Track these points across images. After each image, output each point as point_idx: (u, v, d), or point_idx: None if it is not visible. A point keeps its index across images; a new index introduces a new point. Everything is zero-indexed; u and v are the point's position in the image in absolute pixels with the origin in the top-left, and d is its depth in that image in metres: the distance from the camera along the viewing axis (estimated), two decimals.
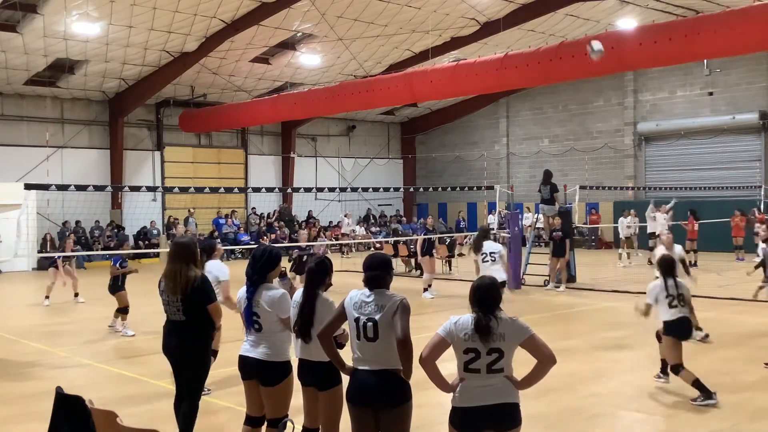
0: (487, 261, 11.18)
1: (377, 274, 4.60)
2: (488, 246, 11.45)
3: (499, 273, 10.80)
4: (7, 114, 25.12)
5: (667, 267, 7.80)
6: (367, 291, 4.56)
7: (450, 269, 20.62)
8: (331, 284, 5.20)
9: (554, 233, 16.59)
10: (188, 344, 5.78)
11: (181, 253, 5.85)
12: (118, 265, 12.10)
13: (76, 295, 15.42)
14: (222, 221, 28.18)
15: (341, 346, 4.81)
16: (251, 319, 5.23)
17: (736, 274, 18.93)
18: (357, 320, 4.47)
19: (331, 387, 4.93)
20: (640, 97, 29.11)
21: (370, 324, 4.41)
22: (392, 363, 4.40)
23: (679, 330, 7.64)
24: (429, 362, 4.21)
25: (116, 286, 11.96)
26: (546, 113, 32.04)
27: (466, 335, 4.16)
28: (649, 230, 20.86)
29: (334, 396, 4.94)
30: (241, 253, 26.39)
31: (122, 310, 11.90)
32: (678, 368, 7.57)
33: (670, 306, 7.60)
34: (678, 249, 10.89)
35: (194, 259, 5.88)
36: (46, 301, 15.08)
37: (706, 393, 7.37)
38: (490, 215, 26.20)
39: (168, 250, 6.44)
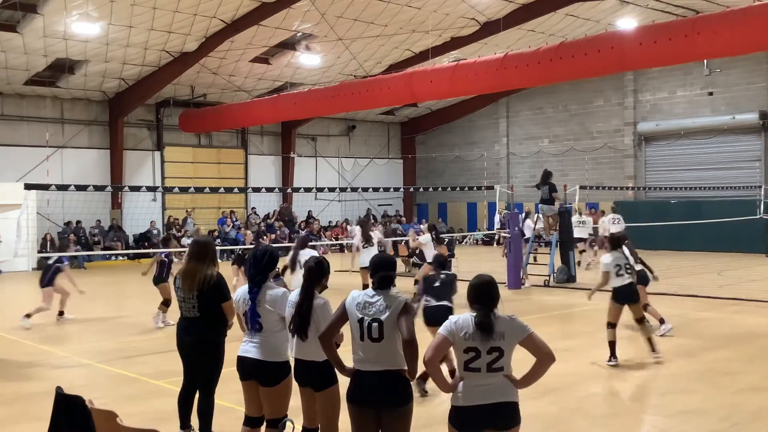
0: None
1: (390, 274, 4.62)
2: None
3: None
4: (7, 114, 25.11)
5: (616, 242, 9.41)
6: (370, 291, 4.56)
7: (450, 270, 20.60)
8: (326, 286, 5.21)
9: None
10: (202, 340, 5.91)
11: (199, 252, 5.99)
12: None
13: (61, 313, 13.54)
14: (223, 221, 28.25)
15: (336, 346, 4.83)
16: (255, 319, 5.24)
17: (736, 274, 18.95)
18: (360, 321, 4.46)
19: (328, 387, 4.93)
20: (640, 97, 29.11)
21: (375, 324, 4.41)
22: (396, 363, 4.41)
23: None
24: (433, 363, 4.21)
25: None
26: (546, 113, 32.04)
27: (466, 334, 4.16)
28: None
29: (330, 396, 4.94)
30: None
31: None
32: (608, 325, 9.17)
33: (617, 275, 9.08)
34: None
35: (212, 257, 6.02)
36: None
37: (612, 356, 9.01)
38: (496, 215, 26.13)
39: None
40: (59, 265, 13.18)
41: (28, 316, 12.54)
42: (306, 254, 10.25)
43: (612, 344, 9.10)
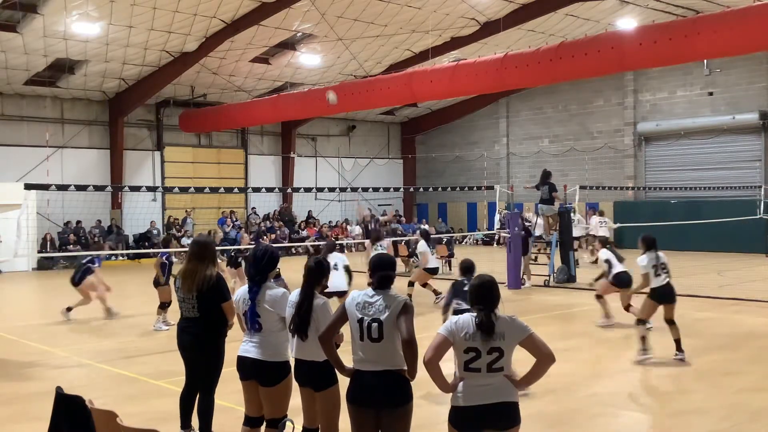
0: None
1: (389, 274, 4.62)
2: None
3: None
4: (7, 114, 25.11)
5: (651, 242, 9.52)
6: (370, 291, 4.56)
7: (450, 269, 20.61)
8: (327, 286, 5.21)
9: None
10: (202, 340, 5.91)
11: (199, 252, 5.99)
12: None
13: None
14: (223, 221, 28.25)
15: (336, 346, 4.83)
16: (254, 319, 5.24)
17: (736, 274, 18.95)
18: (360, 321, 4.45)
19: (327, 387, 4.93)
20: (640, 97, 29.11)
21: (375, 324, 4.40)
22: (396, 363, 4.41)
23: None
24: (433, 364, 4.21)
25: None
26: (546, 113, 32.04)
27: (466, 335, 4.16)
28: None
29: (330, 396, 4.94)
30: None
31: None
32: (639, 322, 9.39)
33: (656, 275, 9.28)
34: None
35: (212, 258, 6.02)
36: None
37: (644, 350, 9.19)
38: (496, 215, 26.15)
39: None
40: (90, 266, 13.42)
41: (108, 311, 13.38)
42: (334, 258, 10.88)
43: (644, 339, 9.23)
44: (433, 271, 14.28)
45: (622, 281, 11.51)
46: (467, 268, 8.38)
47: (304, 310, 4.92)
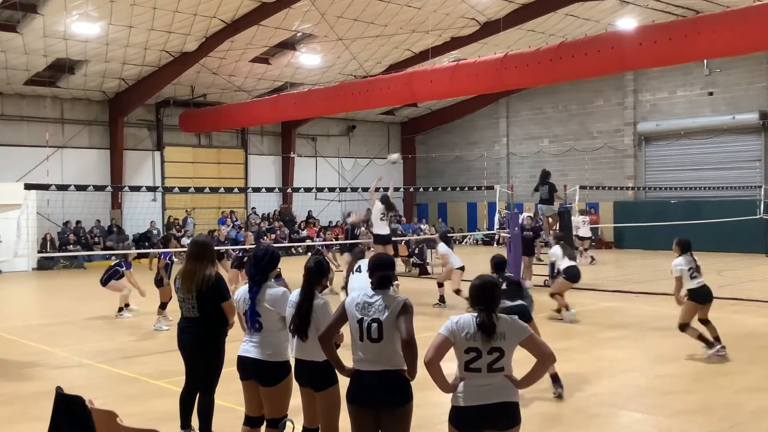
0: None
1: (388, 274, 4.62)
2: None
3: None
4: (7, 114, 25.11)
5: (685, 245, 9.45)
6: (370, 291, 4.56)
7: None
8: (326, 286, 5.20)
9: (524, 233, 17.01)
10: (202, 340, 5.92)
11: (197, 253, 6.00)
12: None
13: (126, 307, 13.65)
14: (223, 221, 28.25)
15: (336, 346, 4.83)
16: (254, 319, 5.24)
17: (736, 274, 18.94)
18: (360, 321, 4.45)
19: (327, 387, 4.93)
20: (640, 97, 29.11)
21: (374, 325, 4.40)
22: (395, 363, 4.40)
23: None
24: (434, 364, 4.21)
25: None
26: (546, 113, 32.04)
27: (467, 335, 4.17)
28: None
29: (330, 396, 4.94)
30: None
31: None
32: (685, 326, 9.31)
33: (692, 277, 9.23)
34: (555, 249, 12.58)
35: (211, 258, 6.03)
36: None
37: (708, 344, 9.20)
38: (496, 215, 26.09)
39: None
40: (118, 269, 13.47)
41: (120, 310, 13.31)
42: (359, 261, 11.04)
43: (700, 337, 9.28)
44: (463, 268, 14.20)
45: (573, 275, 11.95)
46: (500, 263, 7.87)
47: (305, 311, 4.92)
